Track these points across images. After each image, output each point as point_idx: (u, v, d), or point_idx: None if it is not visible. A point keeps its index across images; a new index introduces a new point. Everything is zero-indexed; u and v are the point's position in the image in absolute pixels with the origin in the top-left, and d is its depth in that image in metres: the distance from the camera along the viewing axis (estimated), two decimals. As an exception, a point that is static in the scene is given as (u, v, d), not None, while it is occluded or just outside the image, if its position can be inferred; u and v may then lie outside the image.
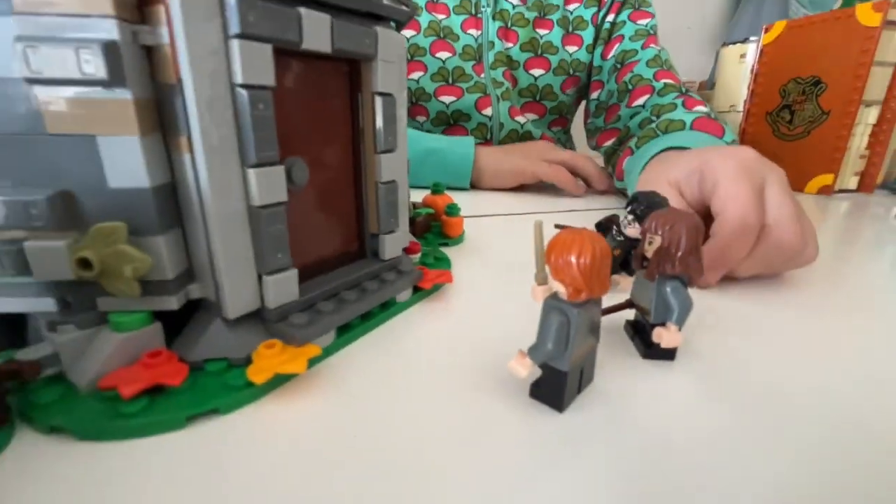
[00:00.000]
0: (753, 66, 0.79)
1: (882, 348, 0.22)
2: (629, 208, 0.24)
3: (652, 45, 0.65)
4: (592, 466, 0.14)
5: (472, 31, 0.67)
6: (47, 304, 0.16)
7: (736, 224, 0.26)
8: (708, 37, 1.33)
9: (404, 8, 0.23)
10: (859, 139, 0.67)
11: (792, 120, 0.73)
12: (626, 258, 0.25)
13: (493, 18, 0.68)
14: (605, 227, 0.28)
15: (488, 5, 0.67)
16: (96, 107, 0.14)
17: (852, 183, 0.70)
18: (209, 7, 0.14)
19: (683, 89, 0.60)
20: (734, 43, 0.89)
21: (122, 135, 0.15)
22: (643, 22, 0.67)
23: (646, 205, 0.24)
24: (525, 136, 0.70)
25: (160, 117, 0.16)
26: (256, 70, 0.16)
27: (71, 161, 0.15)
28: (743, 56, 0.86)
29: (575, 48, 0.70)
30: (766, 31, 0.76)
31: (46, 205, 0.15)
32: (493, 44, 0.68)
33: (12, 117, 0.14)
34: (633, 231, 0.24)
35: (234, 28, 0.15)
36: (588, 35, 0.70)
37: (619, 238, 0.26)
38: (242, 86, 0.16)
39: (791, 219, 0.27)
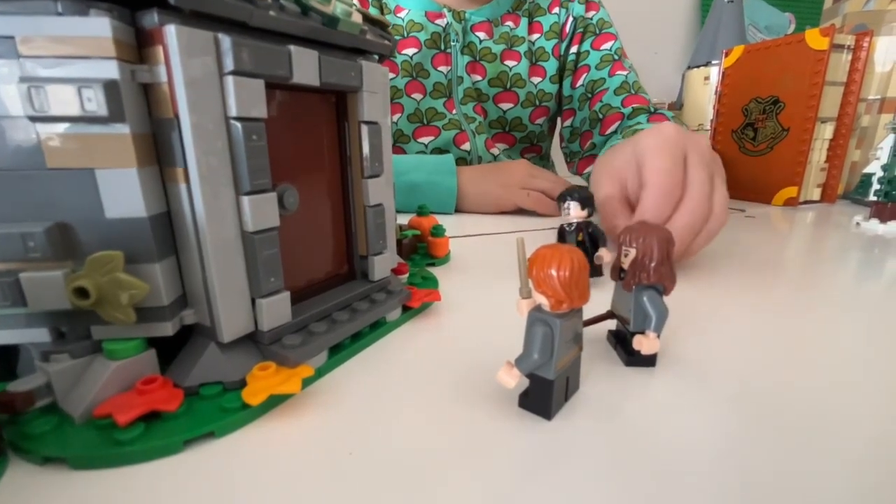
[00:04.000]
0: (717, 87, 0.83)
1: (849, 345, 0.24)
2: (567, 198, 0.31)
3: (619, 72, 0.68)
4: (582, 471, 0.15)
5: (442, 68, 0.69)
6: (41, 335, 0.16)
7: (658, 192, 0.30)
8: (674, 60, 1.40)
9: (386, 42, 0.24)
10: (818, 153, 0.71)
11: (755, 137, 0.77)
12: (591, 235, 0.31)
13: (462, 52, 0.69)
14: (561, 237, 0.32)
15: (457, 40, 0.69)
16: (95, 141, 0.15)
17: (815, 194, 0.74)
18: (206, 47, 0.15)
19: (652, 109, 0.63)
20: (697, 66, 0.94)
21: (119, 167, 0.15)
22: (607, 46, 0.69)
23: (583, 195, 0.31)
24: None
25: (156, 150, 0.16)
26: (249, 104, 0.17)
27: (69, 194, 0.15)
28: (707, 78, 0.91)
29: (539, 79, 0.72)
30: (726, 54, 0.81)
31: (44, 236, 0.15)
32: (461, 79, 0.69)
33: (12, 154, 0.15)
34: (577, 213, 0.31)
35: (229, 65, 0.16)
36: (551, 66, 0.73)
37: (572, 227, 0.31)
38: (237, 118, 0.16)
39: (702, 196, 0.31)
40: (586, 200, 0.31)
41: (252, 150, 0.17)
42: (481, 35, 0.71)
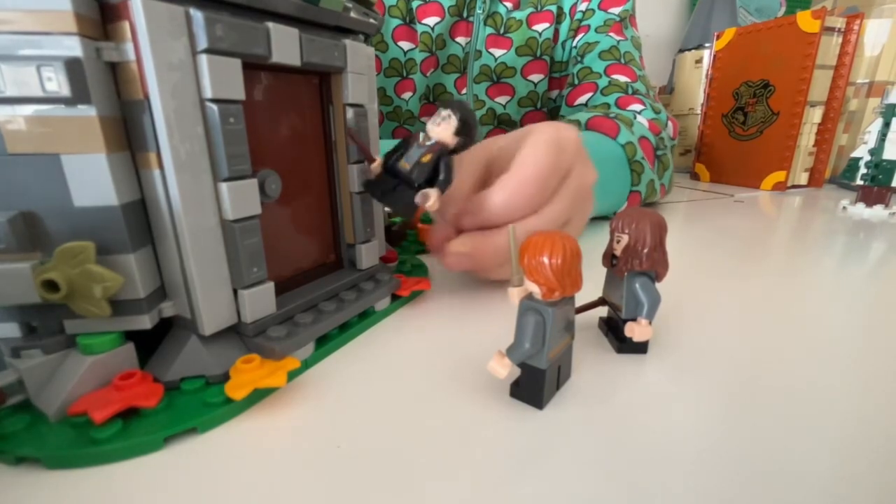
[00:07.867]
0: (708, 70, 0.83)
1: (837, 328, 0.24)
2: (449, 109, 0.22)
3: (612, 34, 0.58)
4: (575, 460, 0.14)
5: (461, 39, 0.61)
6: (10, 330, 0.16)
7: (517, 184, 0.24)
8: (665, 43, 1.39)
9: (372, 21, 0.23)
10: (807, 137, 0.71)
11: (745, 121, 0.77)
12: (437, 165, 0.22)
13: (485, 23, 0.61)
14: (403, 145, 0.23)
15: (482, 9, 0.60)
16: (60, 125, 0.14)
17: (803, 179, 0.75)
18: (176, 23, 0.14)
19: (632, 88, 0.55)
20: (689, 49, 0.93)
21: (87, 153, 0.14)
22: (615, 10, 0.59)
23: (468, 118, 0.22)
24: None
25: (127, 134, 0.15)
26: (226, 84, 0.16)
27: (33, 181, 0.14)
28: (698, 61, 0.91)
29: (540, 76, 0.63)
30: (718, 37, 0.80)
31: (7, 226, 0.14)
32: (479, 53, 0.62)
33: (-32, 138, 0.14)
34: (447, 132, 0.22)
35: (202, 43, 0.15)
36: (563, 28, 0.62)
37: (428, 143, 0.22)
38: (212, 100, 0.15)
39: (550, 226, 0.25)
40: (467, 127, 0.22)
41: (229, 134, 0.16)
42: (508, 5, 0.61)
